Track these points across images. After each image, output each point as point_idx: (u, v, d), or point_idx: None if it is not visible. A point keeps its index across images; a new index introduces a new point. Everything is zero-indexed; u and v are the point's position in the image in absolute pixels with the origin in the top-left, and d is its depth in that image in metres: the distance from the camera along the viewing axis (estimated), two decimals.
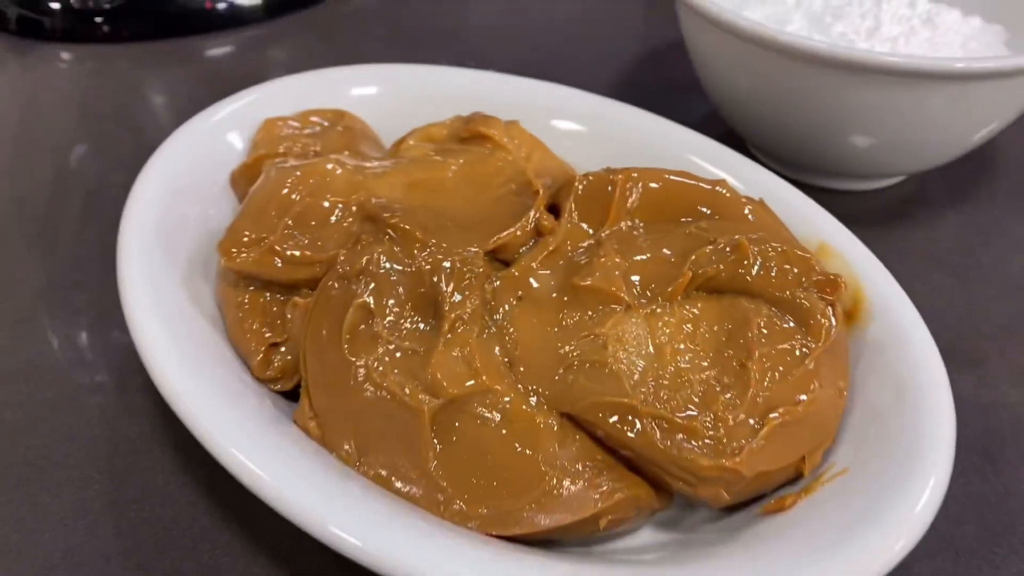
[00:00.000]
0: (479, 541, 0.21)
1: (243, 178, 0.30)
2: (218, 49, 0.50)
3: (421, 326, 0.24)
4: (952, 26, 0.36)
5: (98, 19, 0.50)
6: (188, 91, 0.46)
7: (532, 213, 0.26)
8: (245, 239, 0.26)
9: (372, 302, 0.24)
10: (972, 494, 0.26)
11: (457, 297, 0.24)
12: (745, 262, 0.24)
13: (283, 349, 0.26)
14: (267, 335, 0.26)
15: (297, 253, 0.25)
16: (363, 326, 0.24)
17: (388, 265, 0.24)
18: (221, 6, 0.52)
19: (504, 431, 0.23)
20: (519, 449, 0.22)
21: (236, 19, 0.52)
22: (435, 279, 0.24)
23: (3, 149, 0.41)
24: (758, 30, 0.32)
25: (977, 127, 0.34)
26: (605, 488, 0.22)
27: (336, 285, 0.25)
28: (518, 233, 0.26)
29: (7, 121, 0.44)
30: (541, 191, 0.27)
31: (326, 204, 0.26)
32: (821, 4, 0.37)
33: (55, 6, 0.49)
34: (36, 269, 0.34)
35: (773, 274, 0.24)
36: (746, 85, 0.36)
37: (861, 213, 0.37)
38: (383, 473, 0.23)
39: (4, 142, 0.42)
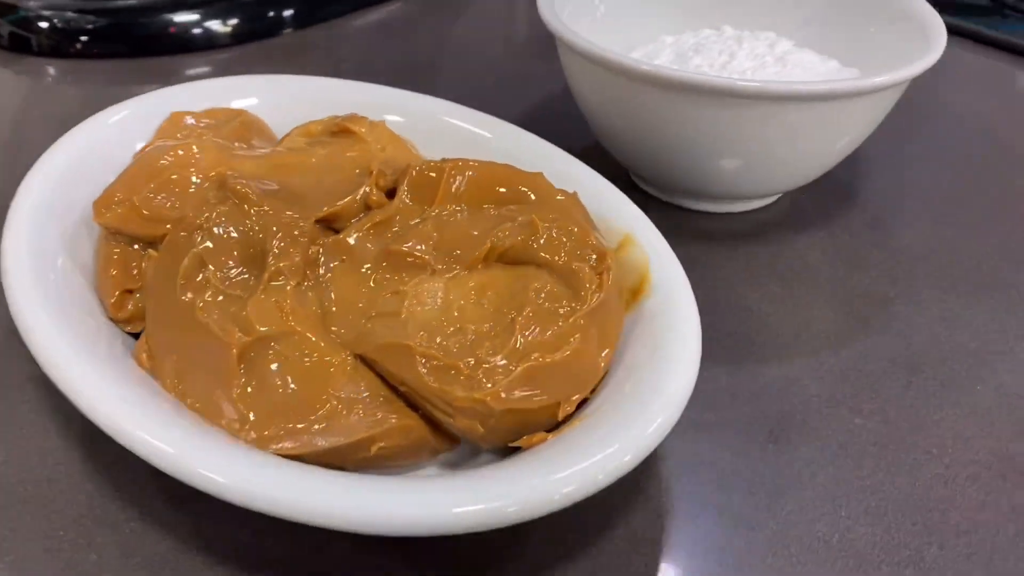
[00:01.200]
0: (270, 457, 0.24)
1: None
2: (188, 69, 0.56)
3: (247, 277, 0.28)
4: (806, 64, 0.39)
5: (82, 38, 0.56)
6: None
7: (363, 189, 0.30)
8: (116, 199, 0.30)
9: (205, 252, 0.27)
10: (754, 469, 0.29)
11: (279, 253, 0.27)
12: (534, 236, 0.28)
13: (137, 296, 0.29)
14: (124, 282, 0.29)
15: (155, 211, 0.29)
16: (196, 273, 0.27)
17: (223, 221, 0.28)
18: (196, 31, 0.57)
19: (300, 367, 0.26)
20: (312, 382, 0.25)
21: (206, 43, 0.58)
22: (261, 236, 0.28)
23: None
24: (614, 58, 0.35)
25: (825, 146, 0.37)
26: (379, 416, 0.25)
27: (181, 235, 0.28)
28: (348, 204, 0.29)
29: None
30: (375, 171, 0.30)
31: (189, 175, 0.30)
32: (692, 45, 0.41)
33: (43, 25, 0.55)
34: None
35: (555, 246, 0.27)
36: (616, 114, 0.39)
37: (722, 232, 0.40)
38: (196, 398, 0.26)
39: None
